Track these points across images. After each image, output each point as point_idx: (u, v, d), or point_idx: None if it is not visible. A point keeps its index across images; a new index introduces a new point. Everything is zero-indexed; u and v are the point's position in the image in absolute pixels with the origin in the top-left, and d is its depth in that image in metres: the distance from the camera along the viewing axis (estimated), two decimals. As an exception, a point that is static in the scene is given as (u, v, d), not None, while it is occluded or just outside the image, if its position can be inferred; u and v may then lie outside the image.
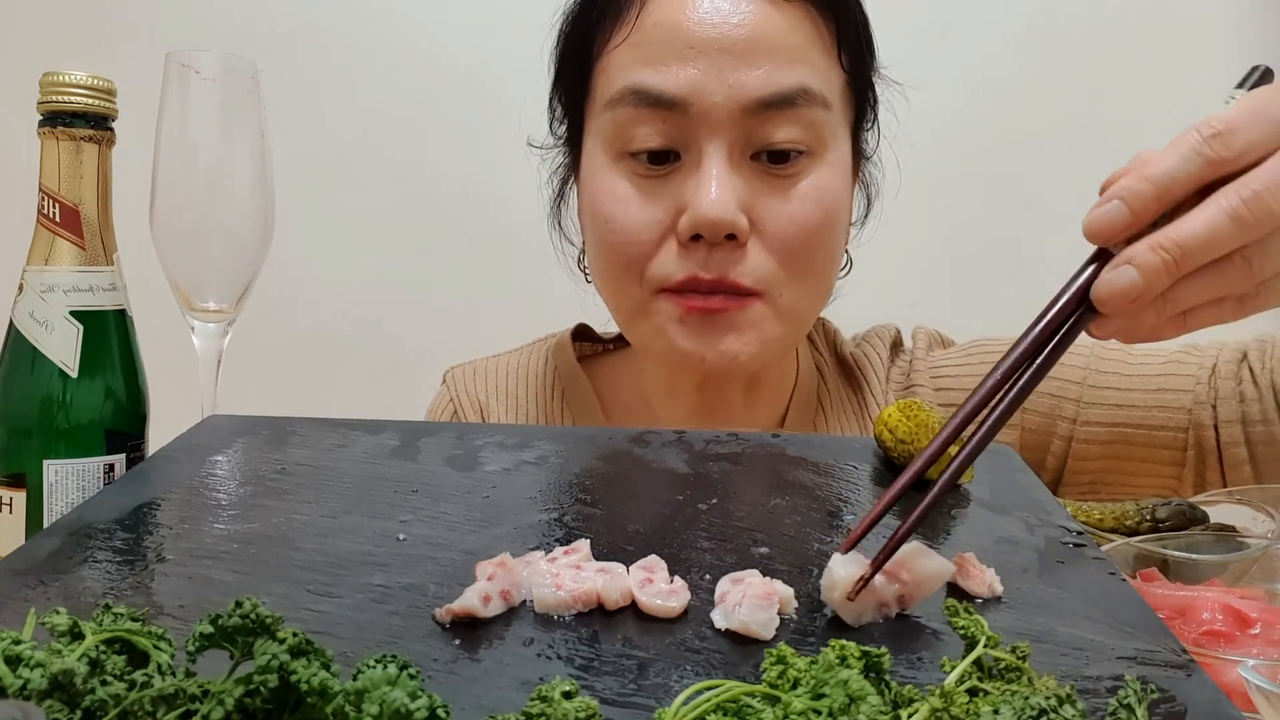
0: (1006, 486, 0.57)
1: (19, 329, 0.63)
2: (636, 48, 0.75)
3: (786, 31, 0.74)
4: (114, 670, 0.32)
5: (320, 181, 1.61)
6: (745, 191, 0.73)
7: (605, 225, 0.77)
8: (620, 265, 0.77)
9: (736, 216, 0.72)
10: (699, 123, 0.73)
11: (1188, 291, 0.46)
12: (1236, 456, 0.79)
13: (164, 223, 0.68)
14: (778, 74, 0.73)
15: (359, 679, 0.29)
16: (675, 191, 0.74)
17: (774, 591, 0.42)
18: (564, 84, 0.84)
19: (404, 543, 0.48)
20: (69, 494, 0.62)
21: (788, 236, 0.74)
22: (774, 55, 0.73)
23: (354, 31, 1.65)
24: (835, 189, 0.76)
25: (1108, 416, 0.83)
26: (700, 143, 0.73)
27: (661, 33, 0.74)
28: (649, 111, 0.74)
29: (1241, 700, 0.40)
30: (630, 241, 0.75)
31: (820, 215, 0.75)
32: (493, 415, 0.92)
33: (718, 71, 0.72)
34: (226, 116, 0.68)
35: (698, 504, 0.53)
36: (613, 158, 0.77)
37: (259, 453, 0.58)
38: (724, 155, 0.73)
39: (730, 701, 0.32)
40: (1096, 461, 0.84)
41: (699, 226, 0.72)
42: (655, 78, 0.73)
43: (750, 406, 0.87)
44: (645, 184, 0.75)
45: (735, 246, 0.73)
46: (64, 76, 0.63)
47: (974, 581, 0.44)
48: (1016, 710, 0.30)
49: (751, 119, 0.73)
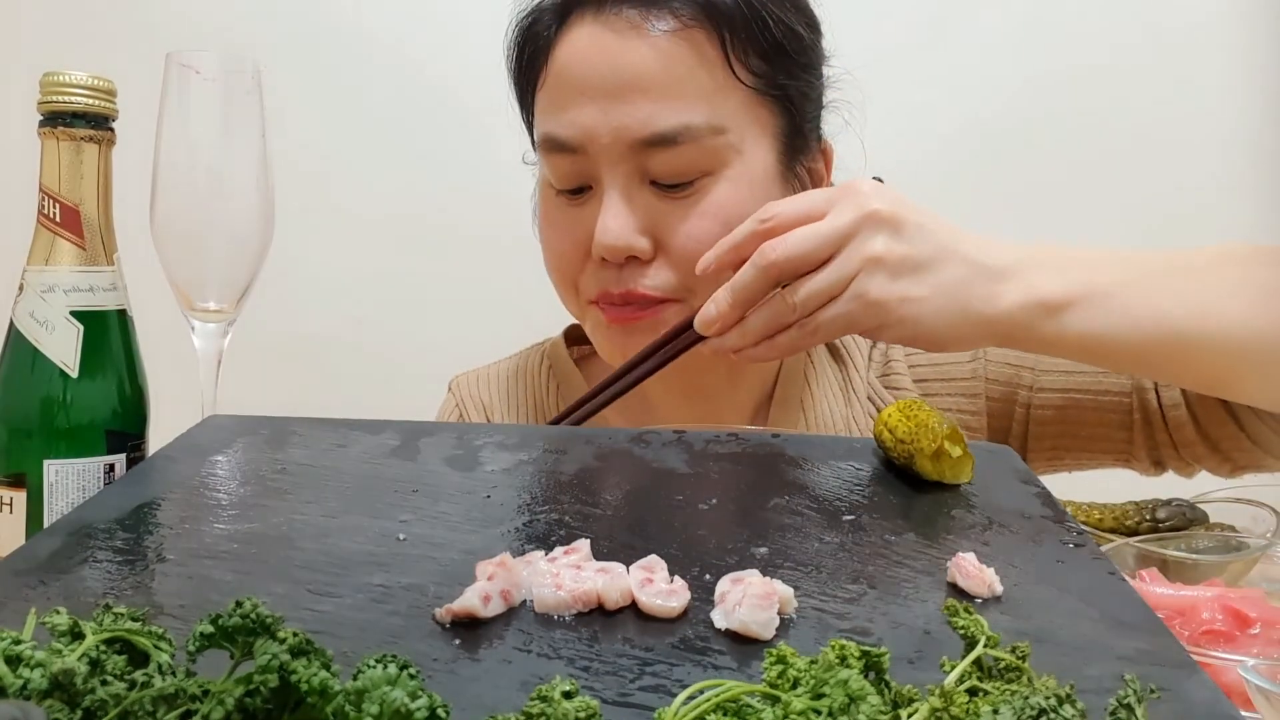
0: (1006, 486, 0.57)
1: (19, 329, 0.63)
2: (548, 93, 0.82)
3: (666, 67, 0.77)
4: (114, 670, 0.32)
5: (320, 181, 1.61)
6: (645, 215, 0.79)
7: (544, 244, 0.87)
8: (557, 278, 0.87)
9: (632, 240, 0.78)
10: (596, 161, 0.79)
11: (755, 321, 0.66)
12: (1179, 418, 0.82)
13: (164, 223, 0.68)
14: (659, 114, 0.77)
15: (359, 679, 0.29)
16: (590, 218, 0.80)
17: (774, 591, 0.42)
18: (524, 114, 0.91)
19: (404, 543, 0.48)
20: (69, 494, 0.62)
21: (688, 251, 0.78)
22: (653, 94, 0.77)
23: (354, 31, 1.66)
24: (738, 201, 0.79)
25: (1060, 383, 0.87)
26: (601, 176, 0.80)
27: (563, 79, 0.81)
28: (559, 156, 0.81)
29: (1241, 700, 0.40)
30: (561, 261, 0.85)
31: (720, 227, 0.76)
32: (496, 416, 0.96)
33: (603, 114, 0.77)
34: (226, 116, 0.68)
35: (698, 504, 0.53)
36: (545, 187, 0.86)
37: (259, 453, 0.58)
38: (620, 187, 0.79)
39: (730, 701, 0.32)
40: (1053, 426, 0.88)
41: (599, 251, 0.79)
42: (558, 125, 0.80)
43: (735, 385, 0.91)
44: (568, 212, 0.83)
45: (640, 264, 0.80)
46: (64, 76, 0.63)
47: (974, 581, 0.44)
48: (1016, 710, 0.30)
49: (640, 154, 0.78)
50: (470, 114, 1.63)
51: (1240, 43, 1.64)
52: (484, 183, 1.62)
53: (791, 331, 0.66)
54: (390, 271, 1.65)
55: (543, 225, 0.87)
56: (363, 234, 1.66)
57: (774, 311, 0.65)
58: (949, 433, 0.56)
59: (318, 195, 1.61)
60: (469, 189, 1.63)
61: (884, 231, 0.64)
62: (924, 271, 0.64)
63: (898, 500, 0.54)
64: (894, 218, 0.64)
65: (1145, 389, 0.84)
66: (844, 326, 0.65)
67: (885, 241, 0.64)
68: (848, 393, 0.91)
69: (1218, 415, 0.79)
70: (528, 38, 0.85)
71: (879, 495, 0.55)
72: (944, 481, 0.56)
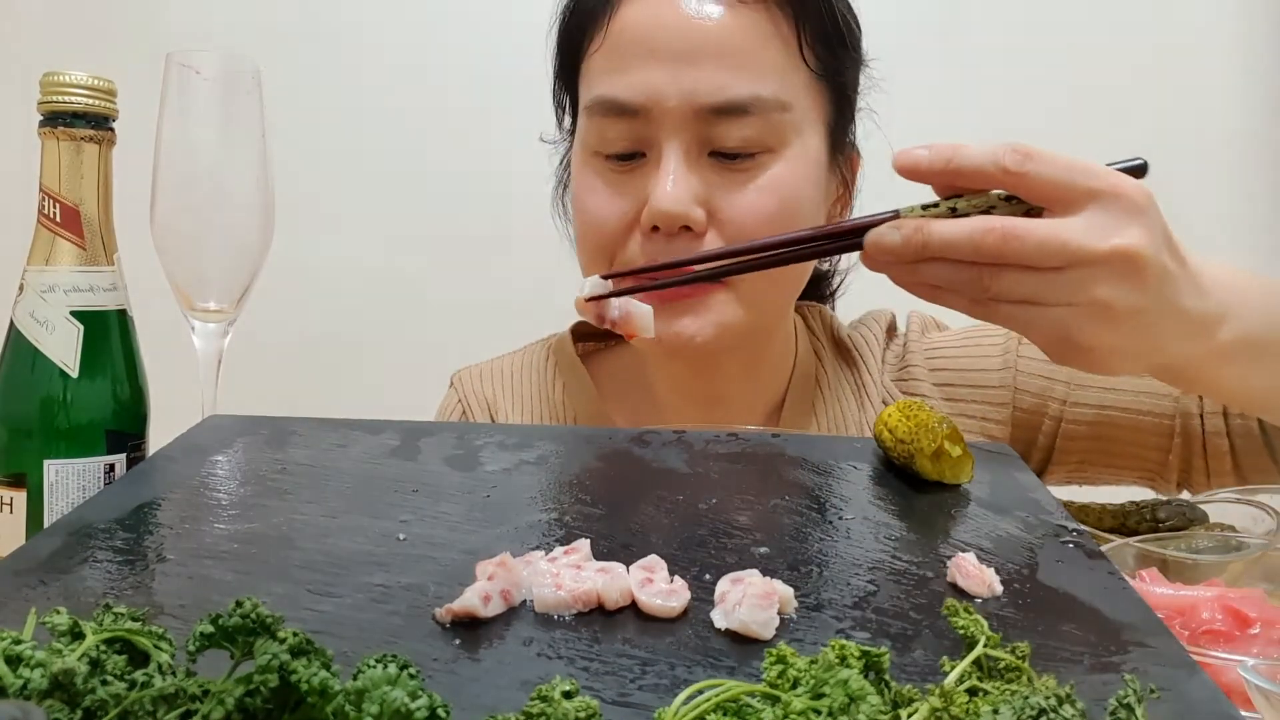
0: (1006, 486, 0.57)
1: (19, 329, 0.63)
2: (606, 55, 0.80)
3: (742, 36, 0.76)
4: (114, 670, 0.32)
5: (320, 181, 1.61)
6: (702, 186, 0.77)
7: (581, 215, 0.83)
8: (593, 251, 0.82)
9: (689, 209, 0.76)
10: (658, 125, 0.77)
11: (930, 271, 0.55)
12: (1219, 447, 0.81)
13: (164, 223, 0.68)
14: (731, 81, 0.75)
15: (359, 679, 0.29)
16: (640, 186, 0.78)
17: (774, 591, 0.42)
18: (561, 84, 0.88)
19: (404, 543, 0.48)
20: (69, 494, 0.62)
21: (744, 225, 0.76)
22: (728, 61, 0.76)
23: (354, 31, 1.66)
24: (794, 181, 0.78)
25: (1096, 399, 0.86)
26: (660, 142, 0.77)
27: (626, 40, 0.78)
28: (615, 119, 0.78)
29: (1241, 700, 0.40)
30: (601, 230, 0.81)
31: (776, 205, 0.77)
32: (500, 413, 0.94)
33: (673, 77, 0.76)
34: (227, 116, 0.68)
35: (698, 504, 0.53)
36: (589, 155, 0.82)
37: (259, 453, 0.58)
38: (680, 153, 0.76)
39: (730, 701, 0.32)
40: (1083, 442, 0.86)
41: (655, 218, 0.76)
42: (618, 87, 0.78)
43: (748, 391, 0.89)
44: (615, 179, 0.80)
45: (693, 237, 0.77)
46: (64, 77, 0.63)
47: (974, 581, 0.44)
48: (1016, 710, 0.30)
49: (706, 122, 0.76)
50: (471, 114, 1.63)
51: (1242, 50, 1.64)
52: (484, 183, 1.62)
53: (963, 302, 0.56)
54: (390, 271, 1.65)
55: (581, 194, 0.83)
56: (363, 234, 1.66)
57: (963, 280, 0.55)
58: (949, 433, 0.56)
59: (318, 195, 1.61)
60: (469, 189, 1.63)
61: (1128, 280, 0.54)
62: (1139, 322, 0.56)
63: (898, 500, 0.54)
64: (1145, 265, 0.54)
65: (1191, 414, 0.82)
66: (1023, 330, 0.57)
67: (1123, 292, 0.54)
68: (861, 396, 0.90)
69: (1255, 446, 0.79)
70: None
71: (879, 495, 0.55)
72: (944, 481, 0.56)
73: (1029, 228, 0.53)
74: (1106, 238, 0.53)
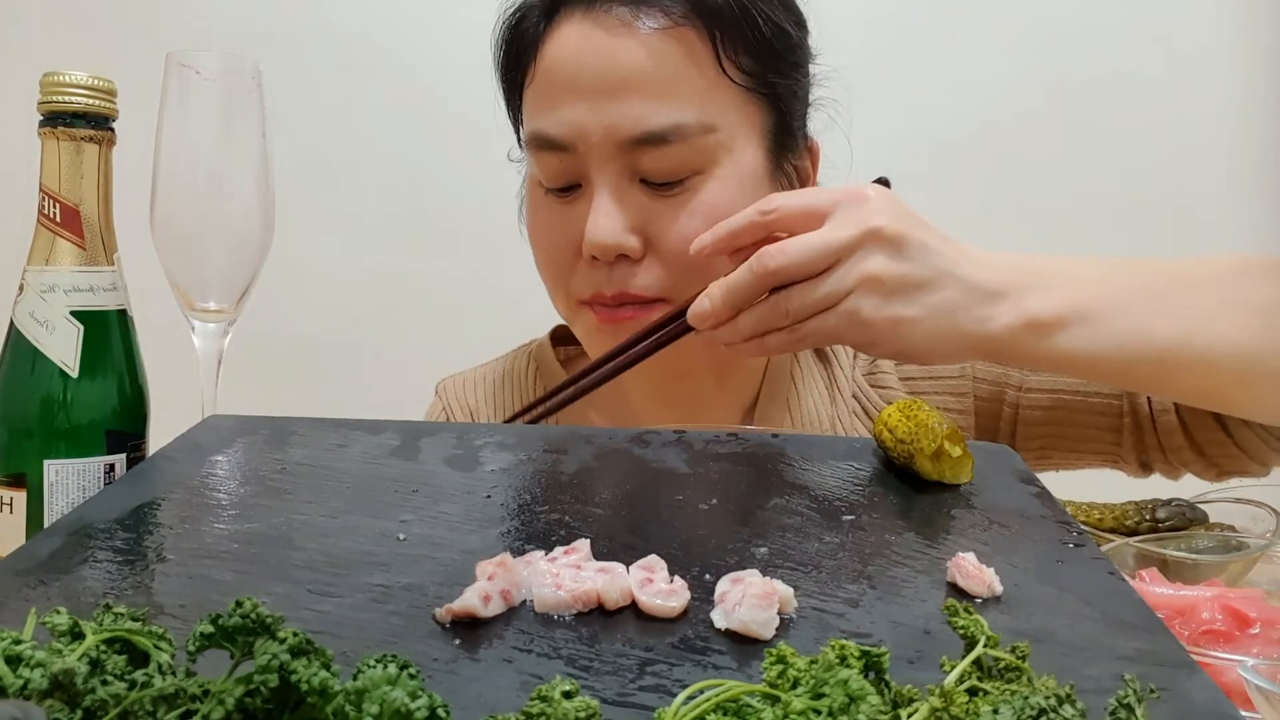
0: (1006, 486, 0.57)
1: (19, 329, 0.63)
2: (537, 91, 0.82)
3: (658, 65, 0.77)
4: (114, 670, 0.32)
5: (320, 181, 1.61)
6: (635, 214, 0.79)
7: (533, 243, 0.87)
8: (548, 280, 0.86)
9: (622, 239, 0.78)
10: (587, 159, 0.78)
11: (746, 322, 0.67)
12: (1168, 424, 0.82)
13: (164, 223, 0.68)
14: (651, 111, 0.76)
15: (359, 679, 0.29)
16: (580, 217, 0.80)
17: (774, 591, 0.42)
18: (511, 111, 0.90)
19: (404, 543, 0.48)
20: (69, 494, 0.62)
21: (679, 250, 0.77)
22: (646, 91, 0.76)
23: (354, 32, 1.66)
24: (728, 200, 0.78)
25: (1049, 384, 0.88)
26: (591, 175, 0.79)
27: (550, 77, 0.80)
28: (548, 154, 0.80)
29: (1241, 700, 0.40)
30: (551, 261, 0.84)
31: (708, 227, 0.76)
32: (483, 420, 0.96)
33: (594, 112, 0.77)
34: (227, 116, 0.68)
35: (698, 504, 0.53)
36: (534, 185, 0.85)
37: (259, 453, 0.58)
38: (611, 185, 0.78)
39: (730, 701, 0.32)
40: (1041, 427, 0.88)
41: (590, 250, 0.79)
42: (548, 123, 0.79)
43: (721, 390, 0.90)
44: (558, 210, 0.82)
45: (632, 263, 0.79)
46: (64, 76, 0.63)
47: (974, 581, 0.44)
48: (1016, 710, 0.30)
49: (631, 153, 0.77)
50: (470, 114, 1.63)
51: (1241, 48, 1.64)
52: (484, 183, 1.62)
53: (781, 335, 0.67)
54: (390, 271, 1.65)
55: (531, 225, 0.87)
56: (363, 234, 1.66)
57: (767, 314, 0.66)
58: (949, 433, 0.56)
59: (318, 195, 1.61)
60: (469, 189, 1.63)
61: (884, 251, 0.64)
62: (918, 292, 0.64)
63: (898, 500, 0.54)
64: (896, 236, 0.64)
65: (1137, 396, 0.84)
66: (832, 338, 0.66)
67: (884, 261, 0.64)
68: (833, 392, 0.92)
69: (1206, 423, 0.80)
70: (515, 35, 0.84)
71: (879, 495, 0.55)
72: (944, 481, 0.56)
73: (789, 240, 0.64)
74: (851, 225, 0.64)
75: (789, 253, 0.64)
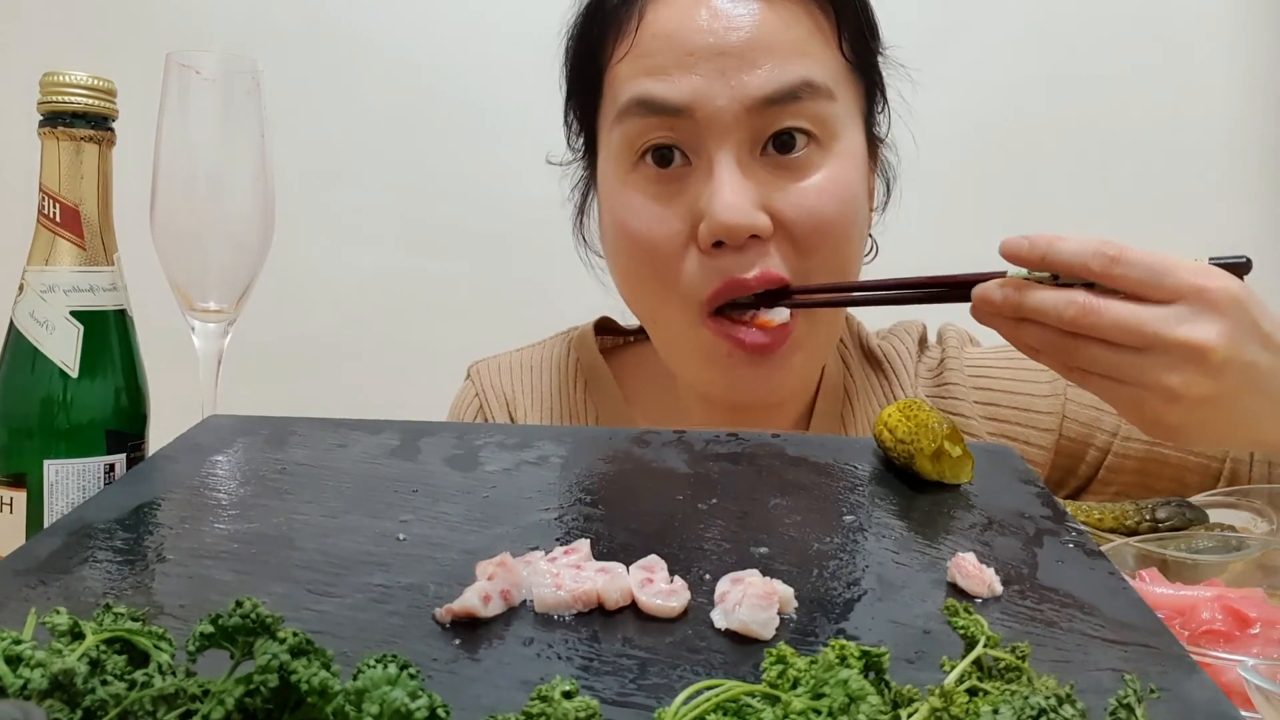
0: (1006, 486, 0.57)
1: (19, 329, 0.63)
2: (639, 60, 0.75)
3: (784, 28, 0.74)
4: (114, 670, 0.32)
5: (320, 181, 1.61)
6: (759, 190, 0.73)
7: (627, 241, 0.77)
8: (647, 279, 0.77)
9: (755, 217, 0.72)
10: (706, 128, 0.73)
11: (1028, 332, 0.62)
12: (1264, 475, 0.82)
13: (164, 223, 0.68)
14: (779, 71, 0.73)
15: (359, 679, 0.29)
16: (689, 199, 0.74)
17: (774, 591, 0.42)
18: (576, 99, 0.84)
19: (404, 543, 0.48)
20: (69, 494, 0.62)
21: (809, 228, 0.73)
22: (773, 53, 0.73)
23: (353, 32, 1.65)
24: (848, 179, 0.76)
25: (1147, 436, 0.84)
26: (709, 148, 0.73)
27: (661, 43, 0.74)
28: (656, 120, 0.74)
29: (1241, 700, 0.40)
30: (654, 255, 0.75)
31: (837, 207, 0.75)
32: (519, 408, 0.91)
33: (720, 75, 0.72)
34: (226, 116, 0.68)
35: (698, 504, 0.53)
36: (626, 170, 0.77)
37: (259, 453, 0.58)
38: (734, 158, 0.73)
39: (730, 701, 0.32)
40: (1129, 475, 0.86)
41: (719, 233, 0.72)
42: (659, 87, 0.73)
43: (781, 409, 0.86)
44: (659, 193, 0.75)
45: (761, 245, 0.73)
46: (64, 76, 0.63)
47: (974, 581, 0.44)
48: (1016, 710, 0.30)
49: (757, 118, 0.73)
50: (471, 114, 1.63)
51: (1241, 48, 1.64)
52: (485, 182, 1.62)
53: (1056, 363, 0.63)
54: (390, 271, 1.65)
55: (623, 218, 0.77)
56: (363, 234, 1.66)
57: (1053, 345, 0.61)
58: (949, 433, 0.56)
59: (317, 195, 1.61)
60: (469, 189, 1.63)
61: (1202, 372, 0.57)
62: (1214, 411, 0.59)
63: (898, 500, 0.54)
64: (1217, 360, 0.57)
65: (1241, 460, 0.82)
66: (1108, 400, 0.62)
67: (1196, 383, 0.57)
68: None
69: None
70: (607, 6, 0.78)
71: (879, 495, 0.55)
72: (944, 481, 0.56)
73: (1107, 307, 0.58)
74: (1179, 328, 0.57)
75: (1104, 321, 0.58)
